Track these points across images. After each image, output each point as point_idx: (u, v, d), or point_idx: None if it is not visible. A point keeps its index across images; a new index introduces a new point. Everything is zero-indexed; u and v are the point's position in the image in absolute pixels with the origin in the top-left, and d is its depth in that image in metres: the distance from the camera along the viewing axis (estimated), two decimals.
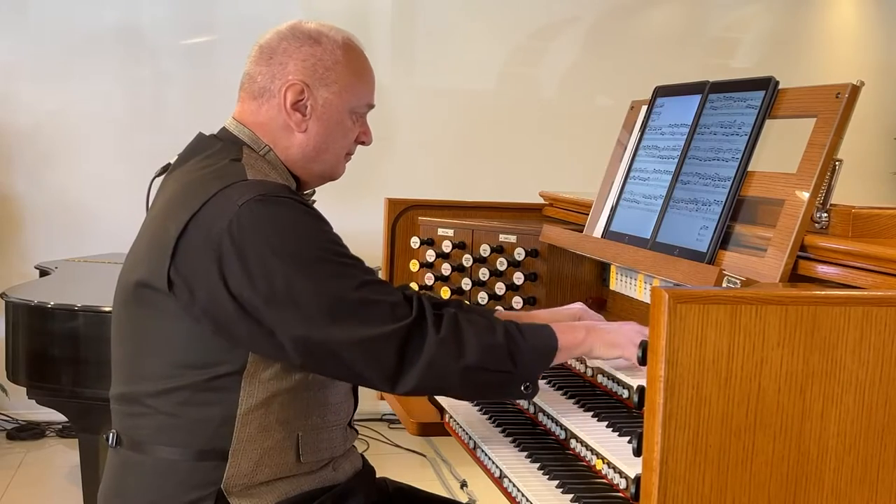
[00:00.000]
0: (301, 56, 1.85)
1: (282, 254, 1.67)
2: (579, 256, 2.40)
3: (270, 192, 1.71)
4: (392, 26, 5.59)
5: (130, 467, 1.82)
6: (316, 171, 1.94)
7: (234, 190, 1.71)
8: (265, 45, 1.89)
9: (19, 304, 3.30)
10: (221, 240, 1.67)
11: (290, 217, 1.70)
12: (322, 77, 1.86)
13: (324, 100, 1.87)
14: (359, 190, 5.44)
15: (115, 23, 5.25)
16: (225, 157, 1.82)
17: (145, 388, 1.78)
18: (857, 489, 1.31)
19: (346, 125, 1.92)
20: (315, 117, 1.87)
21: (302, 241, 1.70)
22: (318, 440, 1.84)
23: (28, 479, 4.44)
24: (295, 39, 1.87)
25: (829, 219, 1.70)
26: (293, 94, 1.85)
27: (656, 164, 2.13)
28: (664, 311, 1.23)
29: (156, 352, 1.76)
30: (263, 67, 1.87)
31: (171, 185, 1.86)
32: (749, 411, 1.26)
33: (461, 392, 1.81)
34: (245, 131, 1.88)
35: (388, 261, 2.68)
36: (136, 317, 1.80)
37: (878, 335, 1.29)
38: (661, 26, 5.89)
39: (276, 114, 1.86)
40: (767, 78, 1.89)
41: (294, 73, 1.85)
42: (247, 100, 1.89)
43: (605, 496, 1.72)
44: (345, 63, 1.88)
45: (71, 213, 5.20)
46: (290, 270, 1.66)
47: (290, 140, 1.88)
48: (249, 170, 1.78)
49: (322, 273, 1.68)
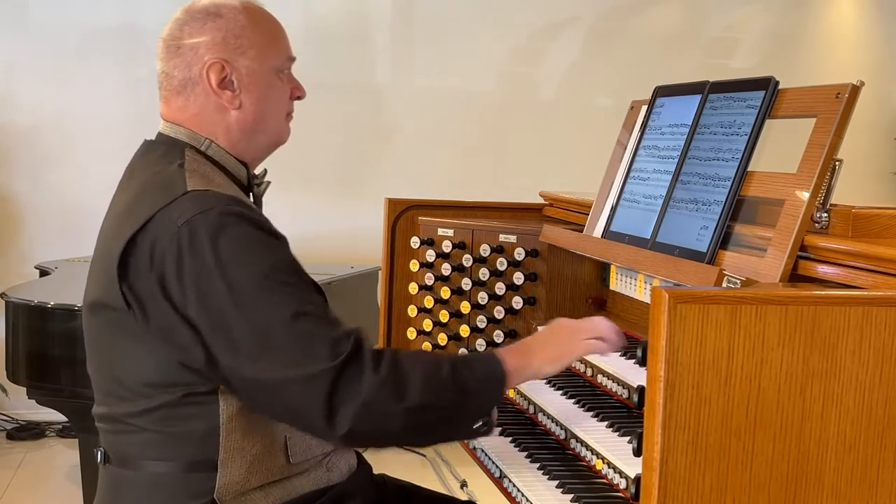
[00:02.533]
0: (208, 34, 1.79)
1: (218, 279, 1.61)
2: (579, 256, 2.40)
3: (211, 208, 1.64)
4: (392, 26, 5.59)
5: (122, 484, 1.79)
6: (262, 143, 1.88)
7: (175, 208, 1.65)
8: (168, 37, 1.83)
9: (19, 304, 3.30)
10: (164, 260, 1.63)
11: (229, 238, 1.62)
12: (236, 47, 1.80)
13: (246, 69, 1.81)
14: (359, 190, 5.45)
15: (115, 23, 5.25)
16: (168, 162, 1.77)
17: (125, 409, 1.74)
18: (857, 489, 1.31)
19: (277, 86, 1.86)
20: (244, 89, 1.81)
21: (239, 266, 1.62)
22: (306, 439, 1.81)
23: (28, 479, 4.44)
24: (195, 21, 1.81)
25: (829, 219, 1.70)
26: (216, 74, 1.79)
27: (656, 164, 2.13)
28: (664, 311, 1.23)
29: (127, 373, 1.72)
30: (176, 60, 1.81)
31: (120, 197, 1.82)
32: (749, 411, 1.26)
33: (406, 435, 1.71)
34: (181, 130, 1.82)
35: (388, 261, 2.68)
36: (102, 338, 1.77)
37: (878, 335, 1.29)
38: (661, 26, 5.89)
39: (205, 100, 1.81)
40: (767, 78, 1.89)
41: (208, 53, 1.79)
42: (171, 98, 1.84)
43: (605, 496, 1.72)
44: (252, 26, 1.82)
45: (71, 213, 5.20)
46: (223, 297, 1.60)
47: (228, 121, 1.82)
48: (192, 176, 1.72)
49: (256, 301, 1.60)
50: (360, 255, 4.72)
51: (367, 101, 5.53)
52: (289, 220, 5.79)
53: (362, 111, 5.50)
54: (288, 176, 5.78)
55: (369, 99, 5.54)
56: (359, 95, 5.49)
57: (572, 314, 2.45)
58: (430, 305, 2.57)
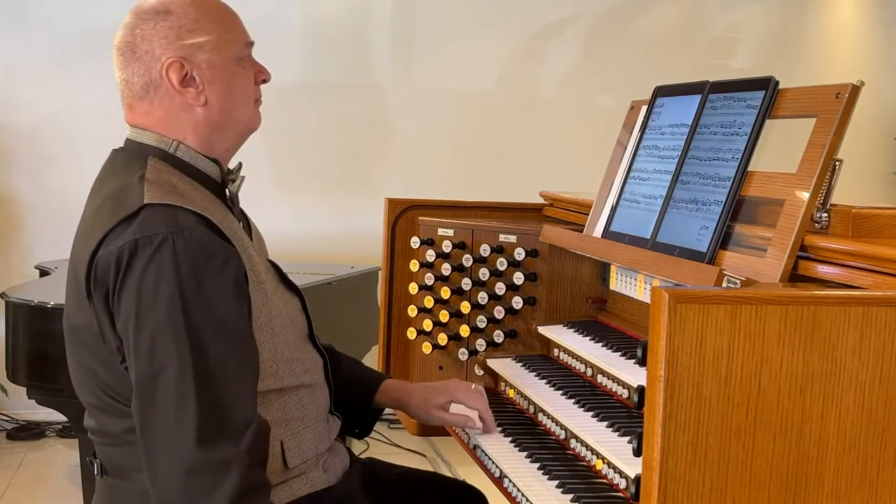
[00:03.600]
0: (161, 33, 1.75)
1: (130, 314, 1.59)
2: (579, 256, 2.40)
3: (156, 233, 1.60)
4: (392, 26, 5.58)
5: (120, 495, 1.77)
6: (233, 133, 1.83)
7: (123, 229, 1.62)
8: (121, 44, 1.80)
9: (19, 304, 3.30)
10: (107, 278, 1.62)
11: (155, 274, 1.58)
12: (192, 43, 1.75)
13: (206, 62, 1.76)
14: (359, 190, 5.45)
15: (115, 23, 5.20)
16: (129, 173, 1.73)
17: (116, 426, 1.72)
18: (857, 489, 1.30)
19: (240, 74, 1.81)
20: (207, 84, 1.76)
21: (148, 308, 1.58)
22: (301, 442, 1.81)
23: (28, 479, 4.44)
24: (145, 22, 1.77)
25: (829, 219, 1.70)
26: (176, 73, 1.74)
27: (656, 164, 2.13)
28: (664, 311, 1.23)
29: (112, 392, 1.70)
30: (134, 65, 1.78)
31: (86, 210, 1.80)
32: (749, 411, 1.26)
33: None
34: (147, 135, 1.79)
35: (388, 261, 2.68)
36: (82, 360, 1.76)
37: (878, 335, 1.29)
38: (661, 26, 5.89)
39: (170, 101, 1.77)
40: (767, 78, 1.89)
41: (165, 53, 1.75)
42: (135, 104, 1.80)
43: (605, 496, 1.72)
44: (204, 17, 1.77)
45: (71, 213, 5.13)
46: (133, 333, 1.59)
47: (195, 118, 1.78)
48: (150, 188, 1.67)
49: (150, 344, 1.57)
50: (360, 255, 4.72)
51: (367, 101, 5.53)
52: (289, 219, 5.82)
53: (362, 111, 5.50)
54: (288, 176, 5.82)
55: (369, 99, 5.54)
56: (359, 95, 5.49)
57: (572, 314, 2.46)
58: (430, 305, 2.57)
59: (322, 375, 1.92)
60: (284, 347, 1.78)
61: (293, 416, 1.80)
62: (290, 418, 1.79)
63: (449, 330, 2.55)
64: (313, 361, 1.90)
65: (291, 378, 1.80)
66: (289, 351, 1.79)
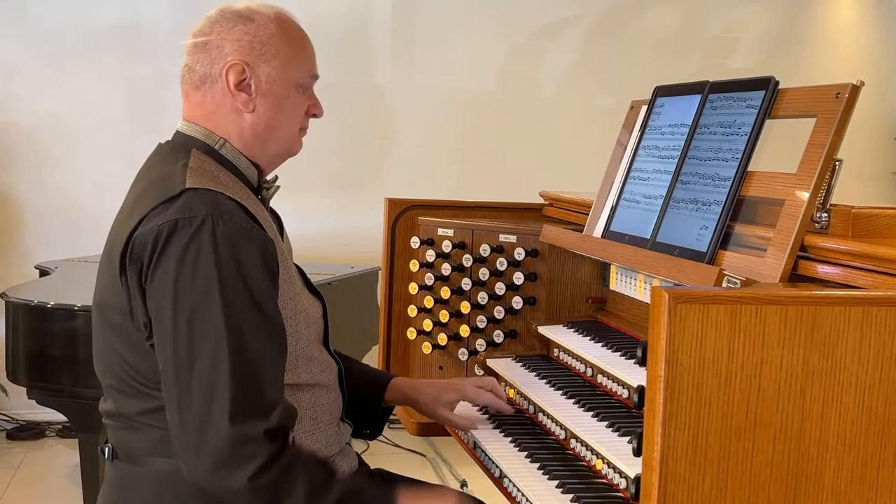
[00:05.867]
0: (236, 36, 1.81)
1: (166, 292, 1.62)
2: (579, 256, 2.40)
3: (196, 216, 1.64)
4: (392, 26, 5.58)
5: (129, 481, 1.79)
6: (273, 151, 1.89)
7: (167, 206, 1.67)
8: (197, 33, 1.85)
9: (19, 304, 3.30)
10: (143, 256, 1.65)
11: (194, 254, 1.62)
12: (261, 53, 1.82)
13: (266, 76, 1.82)
14: (359, 190, 5.45)
15: (115, 23, 5.25)
16: (172, 162, 1.78)
17: (133, 407, 1.75)
18: (857, 489, 1.30)
19: (294, 99, 1.87)
20: (261, 95, 1.82)
21: (187, 288, 1.62)
22: (313, 442, 1.83)
23: (28, 479, 4.44)
24: (227, 21, 1.83)
25: (829, 219, 1.70)
26: (235, 75, 1.80)
27: (656, 164, 2.13)
28: (664, 311, 1.23)
29: (132, 373, 1.73)
30: (201, 55, 1.82)
31: (126, 199, 1.84)
32: (749, 411, 1.26)
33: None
34: (197, 129, 1.84)
35: (388, 261, 2.68)
36: (108, 338, 1.78)
37: (878, 335, 1.29)
38: (661, 26, 5.89)
39: (221, 98, 1.82)
40: (767, 78, 1.89)
41: (232, 54, 1.80)
42: (191, 92, 1.85)
43: (605, 496, 1.72)
44: (281, 36, 1.84)
45: (71, 213, 5.20)
46: (169, 311, 1.62)
47: (242, 123, 1.83)
48: (192, 174, 1.72)
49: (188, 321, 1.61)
50: (360, 255, 4.72)
51: (367, 101, 5.53)
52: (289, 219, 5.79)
53: (362, 111, 5.50)
54: (288, 176, 5.78)
55: (369, 99, 5.54)
56: (359, 95, 5.49)
57: (572, 314, 2.46)
58: (430, 305, 2.57)
59: (336, 380, 1.95)
60: (306, 344, 1.82)
61: (306, 415, 1.82)
62: (303, 416, 1.81)
63: (449, 330, 2.55)
64: (329, 364, 1.93)
65: (308, 375, 1.83)
66: (309, 349, 1.83)
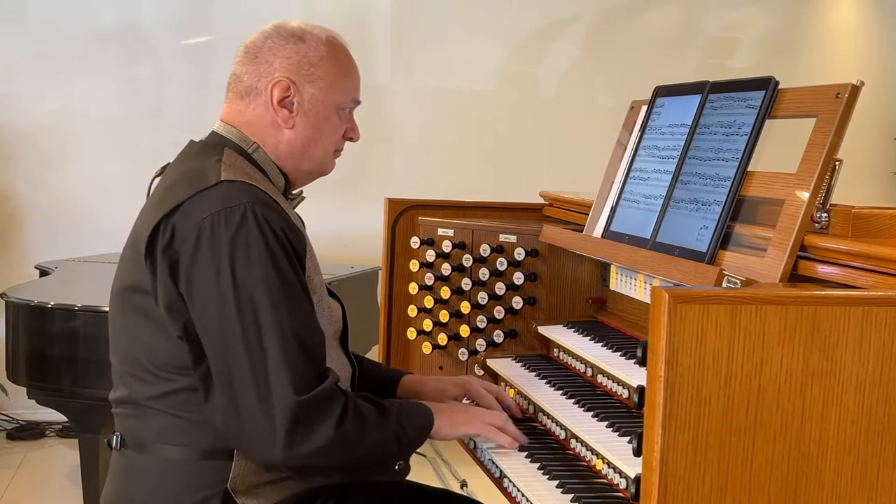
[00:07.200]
0: (286, 54, 1.88)
1: (222, 279, 1.67)
2: (579, 256, 2.40)
3: (236, 204, 1.70)
4: (392, 26, 5.58)
5: (136, 469, 1.82)
6: (305, 168, 1.95)
7: (204, 197, 1.71)
8: (251, 44, 1.90)
9: (19, 304, 3.30)
10: (182, 247, 1.69)
11: (245, 240, 1.68)
12: (307, 74, 1.88)
13: (310, 96, 1.89)
14: (359, 190, 5.44)
15: (115, 23, 5.25)
16: (205, 158, 1.82)
17: (144, 392, 1.79)
18: (857, 489, 1.31)
19: (333, 121, 1.94)
20: (302, 114, 1.89)
21: (244, 271, 1.68)
22: None
23: (28, 479, 4.44)
24: (280, 38, 1.89)
25: (829, 219, 1.70)
26: (279, 91, 1.86)
27: (656, 164, 2.13)
28: (664, 311, 1.23)
29: (148, 356, 1.77)
30: (249, 66, 1.88)
31: (153, 193, 1.88)
32: (749, 411, 1.26)
33: (341, 475, 1.81)
34: (233, 131, 1.89)
35: (388, 261, 2.68)
36: (127, 321, 1.82)
37: (878, 335, 1.29)
38: (661, 26, 5.89)
39: (263, 111, 1.88)
40: (767, 78, 1.89)
41: (280, 71, 1.87)
42: (234, 100, 1.91)
43: (605, 496, 1.72)
44: (329, 59, 1.91)
45: (71, 213, 5.20)
46: (220, 299, 1.67)
47: (279, 137, 1.89)
48: (227, 169, 1.78)
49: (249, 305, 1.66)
50: (360, 255, 4.72)
51: (367, 101, 5.48)
52: None
53: (362, 111, 5.45)
54: None
55: (369, 99, 5.50)
56: None
57: (572, 314, 2.46)
58: (430, 305, 2.57)
59: (349, 382, 1.97)
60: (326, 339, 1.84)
61: None
62: None
63: (449, 330, 2.55)
64: (344, 364, 1.96)
65: None
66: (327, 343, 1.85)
